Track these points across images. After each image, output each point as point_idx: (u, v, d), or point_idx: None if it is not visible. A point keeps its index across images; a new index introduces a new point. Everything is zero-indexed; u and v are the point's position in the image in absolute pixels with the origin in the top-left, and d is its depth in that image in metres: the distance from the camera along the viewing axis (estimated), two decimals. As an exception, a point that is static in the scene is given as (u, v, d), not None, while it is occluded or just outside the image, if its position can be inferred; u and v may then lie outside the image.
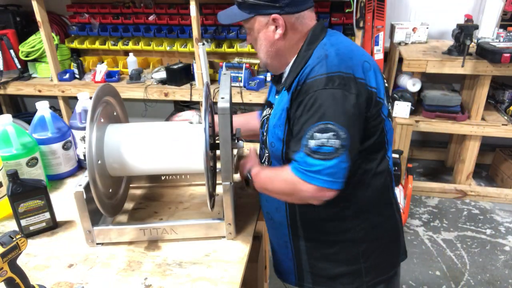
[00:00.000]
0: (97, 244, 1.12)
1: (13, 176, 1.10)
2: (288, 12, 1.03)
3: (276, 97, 1.16)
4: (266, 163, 1.21)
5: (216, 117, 1.18)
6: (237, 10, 1.08)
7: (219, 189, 1.16)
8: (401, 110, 2.80)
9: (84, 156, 1.00)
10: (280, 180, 1.03)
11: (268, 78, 3.02)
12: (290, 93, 1.03)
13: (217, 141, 1.10)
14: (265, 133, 1.15)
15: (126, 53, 3.33)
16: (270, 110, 1.17)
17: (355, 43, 1.14)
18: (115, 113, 1.22)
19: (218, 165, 1.19)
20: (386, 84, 1.13)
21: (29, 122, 1.51)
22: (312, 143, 0.94)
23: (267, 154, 1.18)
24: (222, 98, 1.02)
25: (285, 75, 1.12)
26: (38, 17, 2.89)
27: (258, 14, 1.04)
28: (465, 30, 2.56)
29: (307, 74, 0.99)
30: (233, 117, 1.33)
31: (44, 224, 1.18)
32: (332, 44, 1.03)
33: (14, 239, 0.86)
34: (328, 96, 0.94)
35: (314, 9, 1.11)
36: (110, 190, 1.14)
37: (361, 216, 1.11)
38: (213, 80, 3.14)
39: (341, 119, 0.94)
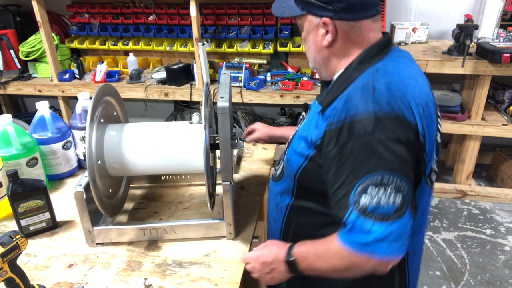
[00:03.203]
0: (97, 244, 1.12)
1: (13, 176, 1.10)
2: (342, 18, 0.87)
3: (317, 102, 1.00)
4: (279, 171, 1.07)
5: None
6: (292, 3, 0.94)
7: (219, 189, 1.16)
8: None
9: (84, 156, 1.00)
10: (331, 256, 0.84)
11: (269, 78, 3.02)
12: (324, 125, 0.87)
13: (217, 141, 1.09)
14: (287, 144, 1.02)
15: (126, 53, 3.33)
16: (304, 114, 1.04)
17: (420, 72, 0.93)
18: (115, 113, 1.23)
19: (218, 165, 1.19)
20: (440, 132, 0.92)
21: (29, 122, 1.51)
22: (365, 201, 0.76)
23: (281, 166, 1.04)
24: (222, 97, 1.02)
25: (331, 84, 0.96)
26: (38, 17, 2.89)
27: (310, 13, 0.91)
28: (465, 30, 2.56)
29: (347, 109, 0.81)
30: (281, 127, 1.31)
31: (44, 224, 1.18)
32: (385, 74, 0.85)
33: (14, 239, 0.86)
34: (379, 143, 0.77)
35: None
36: (110, 190, 1.14)
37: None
38: (213, 80, 3.14)
39: (399, 169, 0.77)
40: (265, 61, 3.19)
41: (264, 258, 0.96)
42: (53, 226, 1.20)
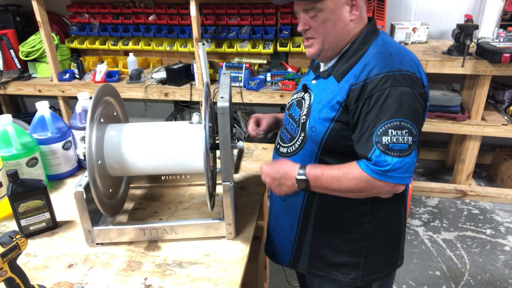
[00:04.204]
0: (97, 244, 1.12)
1: (13, 176, 1.10)
2: None
3: (313, 82, 1.15)
4: (297, 145, 1.15)
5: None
6: None
7: (219, 189, 1.16)
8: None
9: (84, 156, 1.00)
10: (350, 179, 1.01)
11: (269, 78, 3.02)
12: (346, 86, 1.02)
13: (217, 141, 1.09)
14: (304, 117, 1.12)
15: (126, 53, 3.33)
16: (304, 94, 1.16)
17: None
18: (115, 113, 1.23)
19: (218, 165, 1.19)
20: None
21: (29, 122, 1.51)
22: (386, 140, 0.95)
23: (301, 137, 1.13)
24: (222, 97, 1.02)
25: (327, 64, 1.12)
26: (38, 17, 2.89)
27: None
28: (465, 30, 2.56)
29: (369, 70, 0.99)
30: (267, 115, 1.36)
31: (44, 224, 1.18)
32: (390, 43, 1.06)
33: (14, 239, 0.86)
34: (400, 94, 0.96)
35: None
36: (110, 190, 1.14)
37: (376, 212, 1.12)
38: (213, 80, 3.14)
39: (412, 116, 0.97)
40: (265, 61, 3.19)
41: (273, 174, 1.11)
42: (53, 226, 1.20)
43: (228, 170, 1.06)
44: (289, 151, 1.17)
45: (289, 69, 3.08)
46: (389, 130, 0.96)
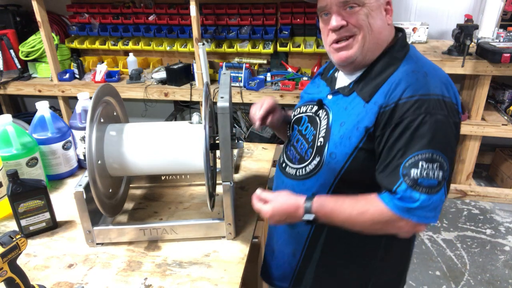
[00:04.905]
0: (97, 244, 1.12)
1: (13, 176, 1.10)
2: None
3: (329, 97, 1.03)
4: (309, 169, 1.02)
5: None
6: None
7: (219, 189, 1.16)
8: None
9: (84, 156, 1.00)
10: (367, 219, 0.90)
11: (269, 78, 3.02)
12: (375, 108, 0.90)
13: (217, 141, 1.09)
14: (321, 139, 0.99)
15: (126, 53, 3.33)
16: (318, 110, 1.04)
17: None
18: (115, 113, 1.23)
19: (218, 165, 1.19)
20: None
21: (29, 122, 1.51)
22: (415, 173, 0.84)
23: (315, 162, 1.00)
24: (222, 97, 1.02)
25: (351, 77, 0.99)
26: (38, 17, 2.89)
27: None
28: (465, 30, 2.56)
29: (402, 91, 0.87)
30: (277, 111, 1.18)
31: (44, 224, 1.18)
32: (424, 61, 0.94)
33: (14, 239, 0.86)
34: (435, 122, 0.84)
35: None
36: (110, 190, 1.14)
37: (391, 246, 1.04)
38: (213, 80, 3.14)
39: (446, 149, 0.86)
40: (265, 61, 3.19)
41: (277, 218, 0.98)
42: (53, 226, 1.20)
43: (228, 170, 1.06)
44: (298, 174, 1.05)
45: (289, 69, 3.08)
46: (420, 162, 0.84)
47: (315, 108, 1.06)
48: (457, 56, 2.63)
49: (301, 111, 1.11)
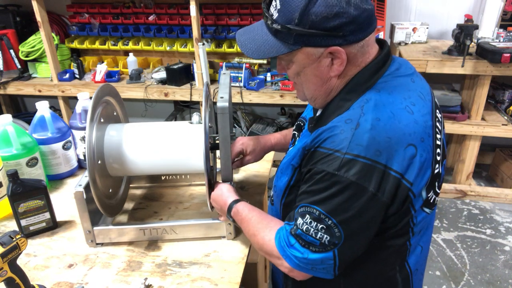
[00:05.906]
0: (97, 244, 1.12)
1: (13, 176, 1.10)
2: (351, 42, 0.77)
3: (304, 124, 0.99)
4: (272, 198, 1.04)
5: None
6: (273, 41, 0.80)
7: (219, 189, 1.16)
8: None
9: (84, 156, 1.00)
10: (261, 239, 0.89)
11: (269, 78, 3.02)
12: (302, 150, 0.86)
13: (217, 141, 1.10)
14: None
15: (126, 53, 3.33)
16: (296, 132, 1.02)
17: (419, 93, 0.84)
18: (115, 113, 1.23)
19: (218, 165, 1.19)
20: (441, 164, 0.87)
21: (29, 122, 1.51)
22: (299, 223, 0.80)
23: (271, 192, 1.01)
24: (222, 97, 1.02)
25: (318, 111, 0.92)
26: (38, 17, 2.89)
27: (307, 46, 0.78)
28: (465, 30, 2.56)
29: (324, 139, 0.79)
30: (272, 134, 1.24)
31: (44, 224, 1.18)
32: (376, 106, 0.78)
33: (14, 239, 0.86)
34: (335, 184, 0.75)
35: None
36: (110, 190, 1.14)
37: (408, 281, 0.93)
38: (213, 80, 3.14)
39: (341, 216, 0.75)
40: (265, 61, 3.19)
41: (215, 204, 1.07)
42: (53, 226, 1.20)
43: (228, 170, 1.06)
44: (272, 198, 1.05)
45: (289, 69, 3.07)
46: (307, 215, 0.78)
47: (295, 128, 1.05)
48: (457, 56, 2.63)
49: (294, 127, 1.08)
